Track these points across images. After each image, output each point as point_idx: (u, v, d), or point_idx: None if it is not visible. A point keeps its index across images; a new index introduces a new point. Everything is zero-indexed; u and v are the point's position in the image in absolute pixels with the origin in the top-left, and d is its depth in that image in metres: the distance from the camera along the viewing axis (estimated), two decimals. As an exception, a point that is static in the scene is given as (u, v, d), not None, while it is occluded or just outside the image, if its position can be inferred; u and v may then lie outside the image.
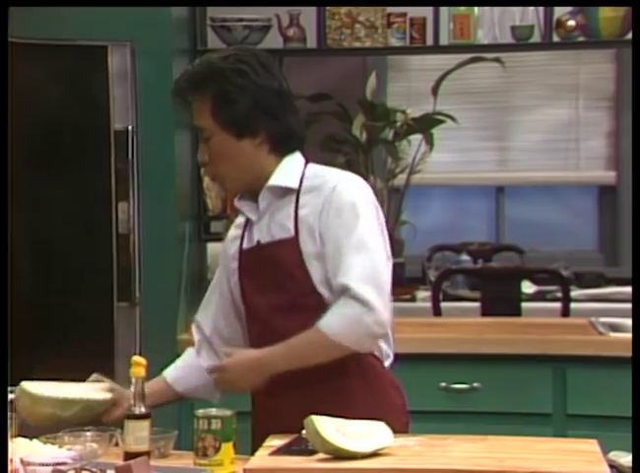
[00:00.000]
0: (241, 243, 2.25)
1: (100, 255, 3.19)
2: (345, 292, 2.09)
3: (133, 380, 1.99)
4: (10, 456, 1.86)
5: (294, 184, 2.20)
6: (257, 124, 2.18)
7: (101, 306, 3.18)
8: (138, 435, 1.95)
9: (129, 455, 1.93)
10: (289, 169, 2.22)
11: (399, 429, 2.08)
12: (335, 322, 2.09)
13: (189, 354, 2.35)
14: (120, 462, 1.90)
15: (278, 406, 2.16)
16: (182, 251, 3.52)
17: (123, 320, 3.19)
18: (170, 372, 2.32)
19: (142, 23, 3.26)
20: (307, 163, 2.24)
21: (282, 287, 2.17)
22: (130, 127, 3.19)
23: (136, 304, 3.21)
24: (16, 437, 1.97)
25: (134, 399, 1.98)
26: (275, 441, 2.03)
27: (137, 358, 2.02)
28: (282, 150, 2.22)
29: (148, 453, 1.95)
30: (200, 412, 1.96)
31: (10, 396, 2.06)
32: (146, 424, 1.97)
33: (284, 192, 2.20)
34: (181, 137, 3.57)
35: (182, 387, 2.30)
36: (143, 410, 1.97)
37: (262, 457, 1.95)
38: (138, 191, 3.21)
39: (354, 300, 2.08)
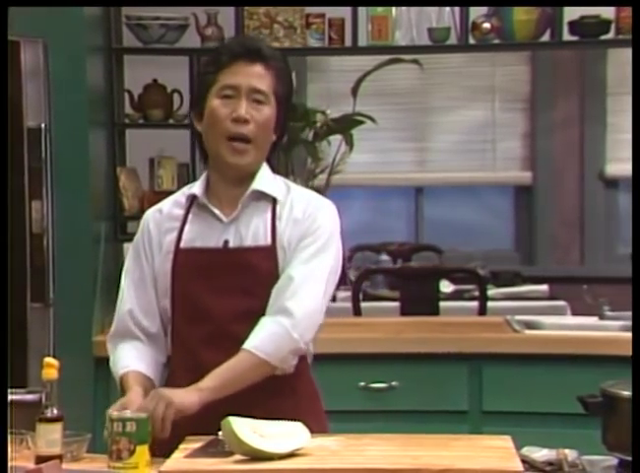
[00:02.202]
0: (179, 239, 2.18)
1: (14, 255, 3.13)
2: (278, 301, 2.10)
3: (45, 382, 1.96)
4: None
5: (277, 194, 2.19)
6: (284, 123, 2.21)
7: (15, 307, 3.12)
8: (49, 438, 1.92)
9: (40, 459, 1.90)
10: (269, 176, 2.21)
11: (319, 431, 2.08)
12: (265, 344, 2.08)
13: (138, 348, 2.22)
14: (31, 466, 1.87)
15: (210, 425, 2.03)
16: (97, 251, 3.47)
17: (37, 321, 3.14)
18: (148, 369, 2.19)
19: (54, 19, 3.20)
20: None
21: (250, 293, 2.13)
22: (43, 125, 3.13)
23: (50, 305, 3.16)
24: None
25: (46, 401, 1.94)
26: (191, 444, 2.01)
27: (49, 359, 1.99)
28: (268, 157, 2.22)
29: (59, 457, 1.92)
30: (114, 415, 1.93)
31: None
32: (57, 427, 1.94)
33: (260, 198, 2.18)
34: (96, 136, 3.52)
35: (158, 383, 2.21)
36: (55, 412, 1.94)
37: (177, 460, 1.93)
38: (52, 190, 3.16)
39: (282, 312, 2.09)
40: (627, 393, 2.05)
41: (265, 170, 2.22)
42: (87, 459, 2.06)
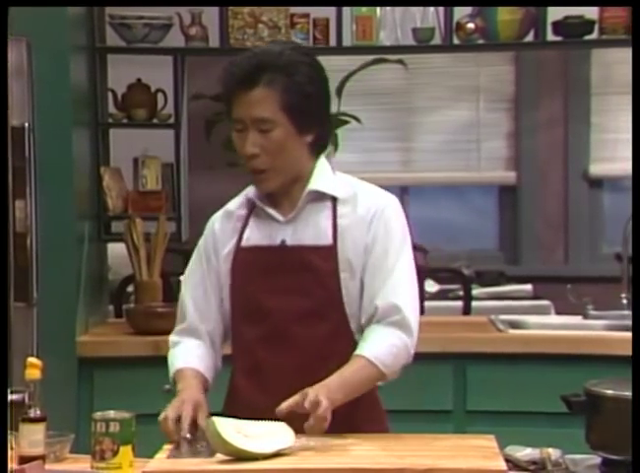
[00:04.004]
0: (240, 239, 2.17)
1: (-4, 255, 3.12)
2: (394, 313, 2.11)
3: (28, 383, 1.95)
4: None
5: (337, 193, 2.16)
6: (315, 122, 2.15)
7: (-3, 307, 3.11)
8: (32, 438, 1.91)
9: (23, 459, 1.90)
10: (326, 175, 2.19)
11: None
12: (386, 356, 2.09)
13: (200, 348, 2.21)
14: (15, 466, 1.86)
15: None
16: (81, 251, 3.46)
17: (20, 321, 3.12)
18: (206, 371, 2.19)
19: (38, 18, 3.19)
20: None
21: (308, 293, 2.12)
22: (27, 124, 3.12)
23: (33, 305, 3.14)
24: None
25: (29, 401, 1.94)
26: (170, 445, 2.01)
27: (32, 359, 1.98)
28: (317, 153, 2.19)
29: (42, 457, 1.92)
30: (98, 415, 1.92)
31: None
32: (40, 427, 1.93)
33: (319, 197, 2.16)
34: (79, 135, 3.51)
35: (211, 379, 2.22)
36: (38, 413, 1.94)
37: (161, 460, 1.93)
38: (35, 189, 3.14)
39: (403, 328, 2.11)
40: (611, 392, 2.06)
41: (322, 168, 2.19)
42: (70, 460, 2.05)
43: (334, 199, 2.17)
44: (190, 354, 2.21)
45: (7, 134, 2.24)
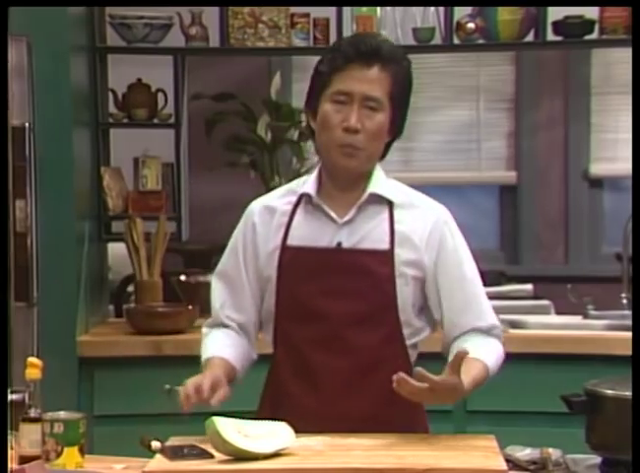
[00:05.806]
0: (286, 236, 2.14)
1: (-3, 255, 3.12)
2: (495, 328, 2.21)
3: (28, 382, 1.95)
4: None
5: (394, 198, 2.17)
6: (402, 122, 2.18)
7: (-2, 307, 3.11)
8: (33, 438, 1.92)
9: (24, 459, 1.90)
10: (383, 179, 2.19)
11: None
12: (496, 365, 2.16)
13: (230, 336, 2.20)
14: (15, 466, 1.86)
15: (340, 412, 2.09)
16: (81, 251, 3.46)
17: (20, 321, 3.12)
18: (234, 358, 2.17)
19: (38, 18, 3.19)
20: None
21: (364, 297, 2.11)
22: (27, 124, 3.13)
23: (34, 305, 3.15)
24: None
25: (29, 401, 1.94)
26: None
27: (32, 359, 1.98)
28: (380, 158, 2.20)
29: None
30: (47, 415, 1.93)
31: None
32: (41, 427, 1.93)
33: (376, 201, 2.16)
34: (79, 135, 3.51)
35: (243, 374, 2.22)
36: (38, 413, 1.94)
37: (160, 460, 1.93)
38: (35, 189, 3.15)
39: (501, 341, 2.21)
40: (611, 392, 2.06)
41: (379, 173, 2.19)
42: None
43: (390, 204, 2.16)
44: (219, 343, 2.19)
45: (7, 134, 2.25)
